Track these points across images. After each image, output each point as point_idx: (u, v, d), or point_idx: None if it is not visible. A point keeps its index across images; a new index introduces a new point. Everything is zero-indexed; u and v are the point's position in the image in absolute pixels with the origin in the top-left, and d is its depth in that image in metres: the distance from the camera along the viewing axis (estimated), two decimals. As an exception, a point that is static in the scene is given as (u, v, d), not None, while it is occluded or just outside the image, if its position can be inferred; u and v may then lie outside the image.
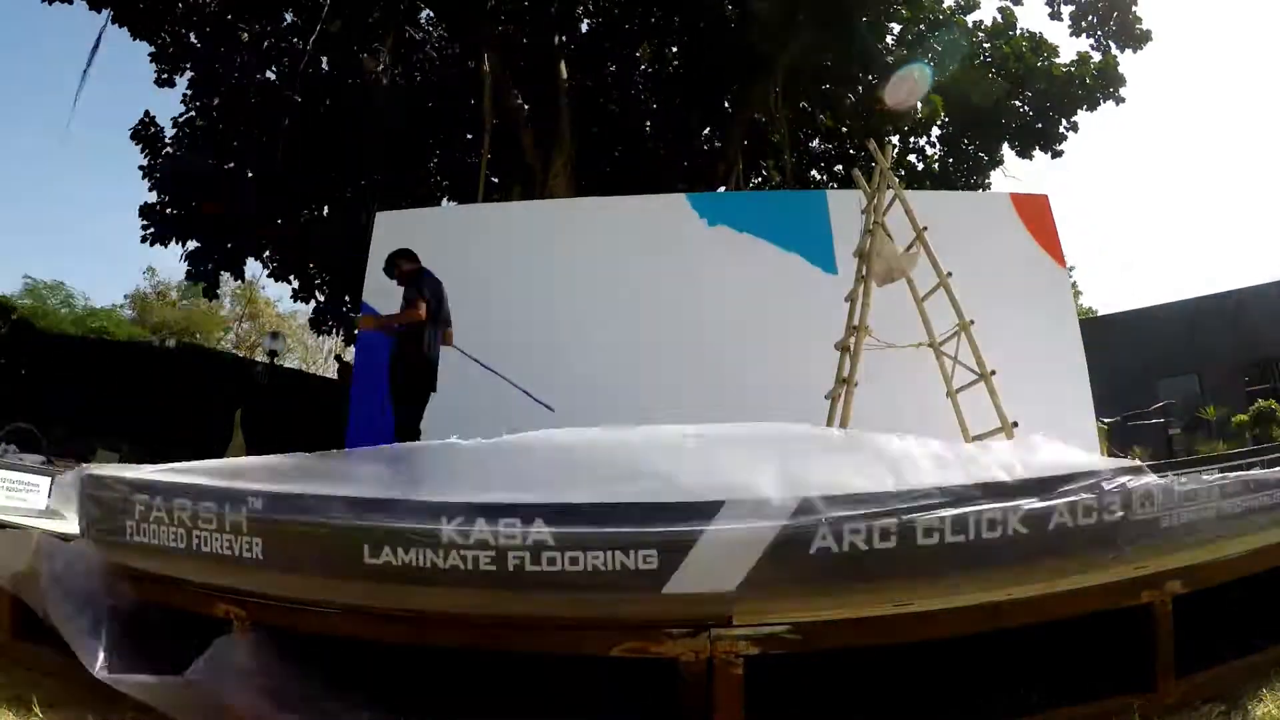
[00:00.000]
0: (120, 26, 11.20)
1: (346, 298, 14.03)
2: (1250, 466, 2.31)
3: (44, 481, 2.68)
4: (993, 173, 13.63)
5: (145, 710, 1.60)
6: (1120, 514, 1.56)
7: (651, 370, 5.61)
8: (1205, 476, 1.71)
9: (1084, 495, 1.55)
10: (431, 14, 12.88)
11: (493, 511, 1.48)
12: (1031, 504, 1.52)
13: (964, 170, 13.59)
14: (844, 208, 6.16)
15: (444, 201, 13.69)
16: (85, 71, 11.65)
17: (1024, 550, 1.51)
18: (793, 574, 1.46)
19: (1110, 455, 6.41)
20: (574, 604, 1.50)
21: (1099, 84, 12.12)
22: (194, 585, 1.75)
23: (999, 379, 4.29)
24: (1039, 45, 12.40)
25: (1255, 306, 17.01)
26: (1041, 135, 12.66)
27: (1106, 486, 1.58)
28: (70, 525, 2.07)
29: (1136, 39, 11.94)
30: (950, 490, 1.52)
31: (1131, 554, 1.60)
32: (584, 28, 13.13)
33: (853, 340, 4.06)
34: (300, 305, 16.96)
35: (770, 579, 1.44)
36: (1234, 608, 1.87)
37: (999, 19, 12.59)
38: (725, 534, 1.44)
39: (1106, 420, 7.81)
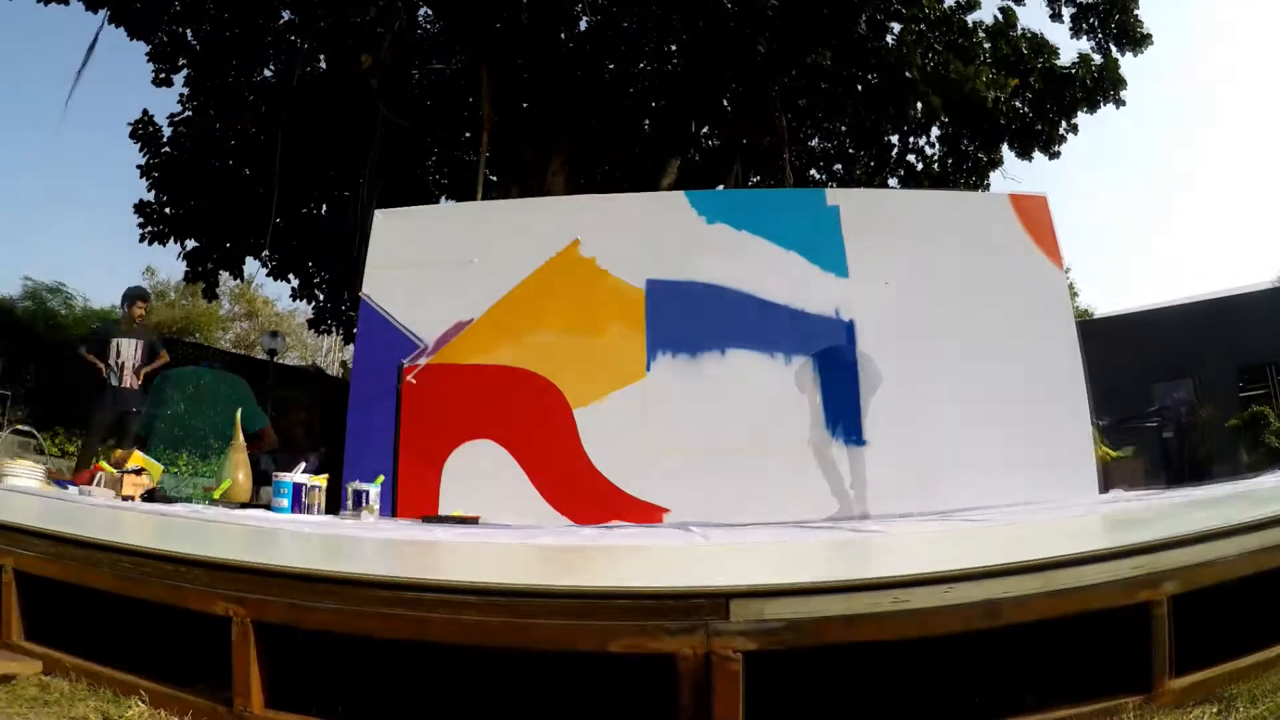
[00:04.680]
0: (117, 26, 11.18)
1: (345, 296, 14.04)
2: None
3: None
4: (992, 174, 13.65)
5: (151, 706, 1.60)
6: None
7: (649, 367, 5.60)
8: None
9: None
10: (430, 12, 12.86)
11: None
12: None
13: (964, 170, 13.61)
14: (843, 206, 6.14)
15: (443, 200, 13.69)
16: (80, 71, 11.62)
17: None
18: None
19: (1106, 454, 6.43)
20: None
21: (1099, 86, 12.13)
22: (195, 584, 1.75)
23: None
24: (1039, 46, 12.40)
25: (1251, 310, 17.00)
26: (1041, 136, 12.67)
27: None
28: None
29: (1137, 41, 11.95)
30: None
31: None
32: (583, 26, 13.12)
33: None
34: (299, 303, 16.95)
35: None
36: (1232, 607, 1.87)
37: (999, 19, 12.60)
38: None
39: (1102, 422, 7.84)
